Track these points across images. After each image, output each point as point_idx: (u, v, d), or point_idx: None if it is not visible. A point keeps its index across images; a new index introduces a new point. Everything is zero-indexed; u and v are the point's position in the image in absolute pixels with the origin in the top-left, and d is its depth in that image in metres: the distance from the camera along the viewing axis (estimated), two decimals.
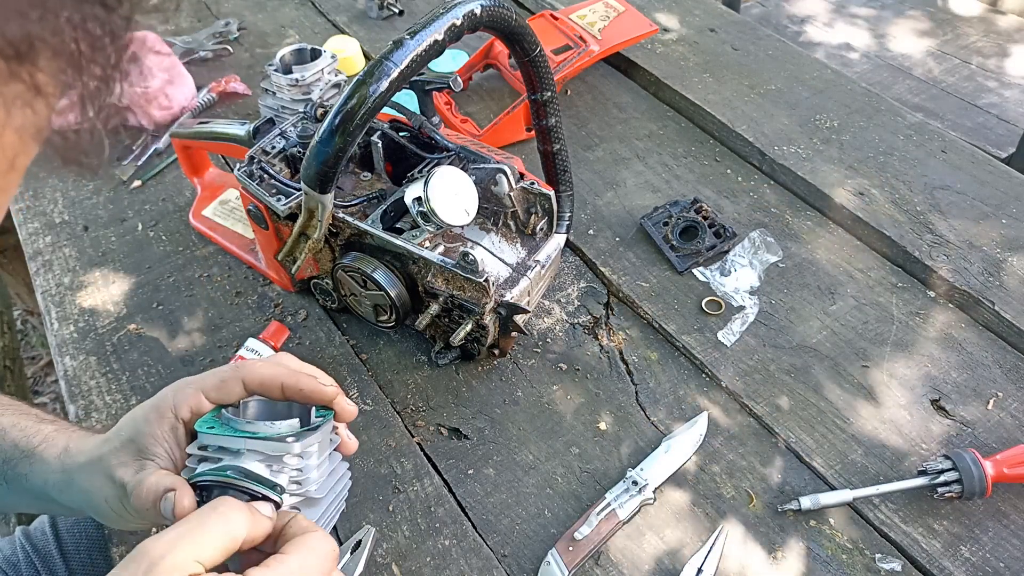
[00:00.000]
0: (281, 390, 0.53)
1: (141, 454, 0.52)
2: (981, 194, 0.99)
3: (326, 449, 0.54)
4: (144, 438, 0.52)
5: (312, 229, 0.74)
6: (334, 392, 0.54)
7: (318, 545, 0.46)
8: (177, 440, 0.53)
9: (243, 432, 0.50)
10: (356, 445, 0.57)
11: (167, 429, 0.52)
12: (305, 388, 0.53)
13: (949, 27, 2.12)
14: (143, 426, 0.53)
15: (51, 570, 0.78)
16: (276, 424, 0.51)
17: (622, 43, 1.14)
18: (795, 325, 0.86)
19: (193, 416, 0.53)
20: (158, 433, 0.52)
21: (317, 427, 0.53)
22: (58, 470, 0.56)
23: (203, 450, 0.51)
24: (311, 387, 0.53)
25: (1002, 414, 0.78)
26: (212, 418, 0.53)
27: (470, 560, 0.68)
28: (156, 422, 0.52)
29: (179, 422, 0.53)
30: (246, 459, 0.50)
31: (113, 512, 0.53)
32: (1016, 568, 0.67)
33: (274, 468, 0.50)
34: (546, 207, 0.79)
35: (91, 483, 0.53)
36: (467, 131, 1.08)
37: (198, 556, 0.42)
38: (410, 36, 0.60)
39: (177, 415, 0.53)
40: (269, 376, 0.53)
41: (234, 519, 0.44)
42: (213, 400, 0.54)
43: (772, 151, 1.04)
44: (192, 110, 1.15)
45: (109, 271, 0.94)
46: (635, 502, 0.70)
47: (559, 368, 0.83)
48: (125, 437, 0.53)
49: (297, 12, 1.39)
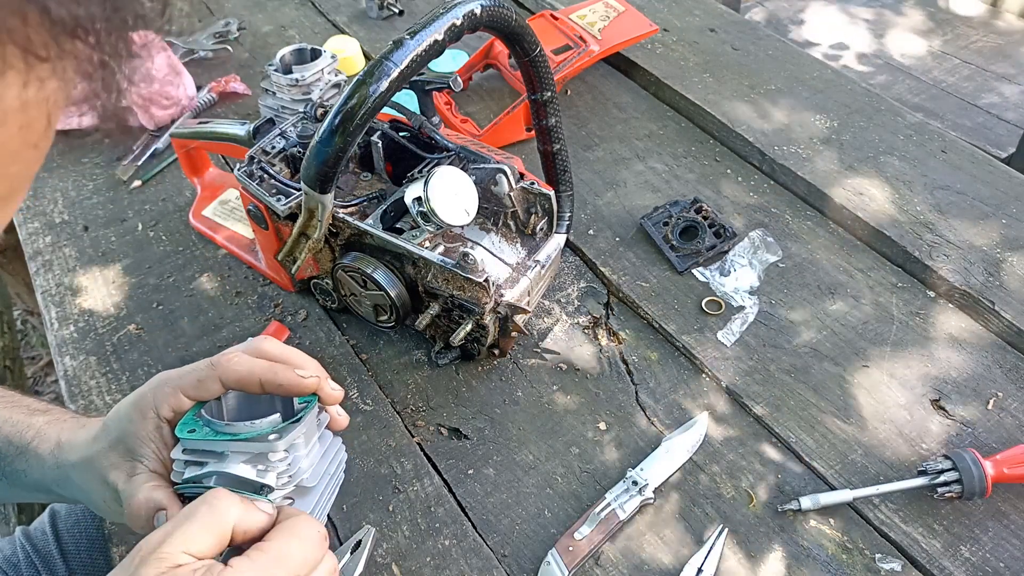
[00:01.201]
0: (260, 385, 0.53)
1: (130, 455, 0.52)
2: (981, 194, 0.99)
3: (313, 434, 0.53)
4: (131, 439, 0.52)
5: (312, 229, 0.74)
6: (314, 383, 0.53)
7: (302, 530, 0.46)
8: (163, 439, 0.53)
9: (224, 435, 0.50)
10: (347, 420, 0.56)
11: (152, 429, 0.52)
12: (284, 382, 0.52)
13: (949, 27, 2.12)
14: (128, 425, 0.53)
15: (51, 570, 0.78)
16: (256, 423, 0.50)
17: (622, 43, 1.14)
18: (795, 325, 0.86)
19: (175, 415, 0.53)
20: (143, 433, 0.52)
21: (300, 418, 0.52)
22: (53, 466, 0.56)
23: (187, 454, 0.51)
24: (290, 380, 0.52)
25: (1002, 414, 0.78)
26: (192, 418, 0.52)
27: (470, 560, 0.68)
28: (140, 422, 0.52)
29: (162, 421, 0.53)
30: (231, 461, 0.49)
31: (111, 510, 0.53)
32: (1016, 568, 0.67)
33: (260, 467, 0.50)
34: (546, 207, 0.79)
35: (87, 483, 0.54)
36: (467, 131, 1.08)
37: (187, 547, 0.42)
38: (410, 36, 0.60)
39: (159, 415, 0.53)
40: (246, 372, 0.52)
41: (223, 510, 0.44)
42: (192, 398, 0.53)
43: (772, 151, 1.04)
44: (192, 110, 1.15)
45: (109, 271, 0.94)
46: (635, 502, 0.70)
47: (559, 368, 0.83)
48: (113, 437, 0.53)
49: (297, 12, 1.39)
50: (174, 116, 1.14)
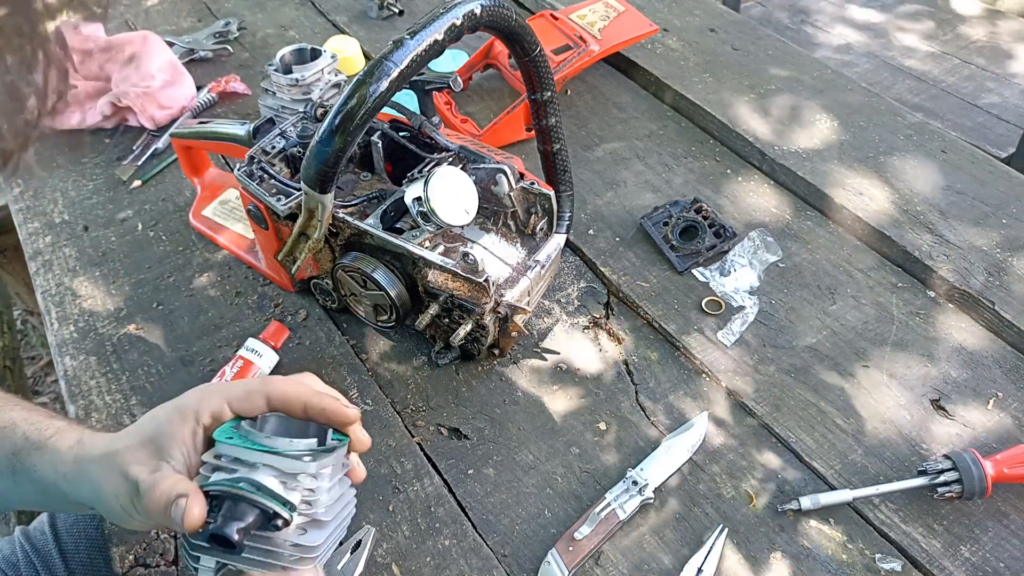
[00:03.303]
0: (304, 408, 0.54)
1: (159, 454, 0.52)
2: (981, 194, 0.99)
3: (338, 473, 0.54)
4: (164, 438, 0.52)
5: (312, 229, 0.74)
6: (356, 413, 0.55)
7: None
8: (195, 444, 0.53)
9: (261, 446, 0.51)
10: (364, 474, 0.58)
11: (188, 432, 0.52)
12: (328, 408, 0.54)
13: (949, 27, 2.12)
14: (165, 426, 0.53)
15: (50, 570, 0.78)
16: (295, 442, 0.51)
17: (622, 43, 1.14)
18: (795, 325, 0.86)
19: (214, 423, 0.53)
20: (178, 435, 0.52)
21: (333, 449, 0.53)
22: (70, 460, 0.55)
23: (218, 459, 0.51)
24: (333, 408, 0.54)
25: (1002, 414, 0.78)
26: (231, 428, 0.53)
27: (470, 560, 0.68)
28: (178, 423, 0.53)
29: (199, 426, 0.53)
30: (261, 473, 0.50)
31: (121, 509, 0.53)
32: (1016, 568, 0.67)
33: (288, 485, 0.50)
34: (546, 207, 0.79)
35: (103, 476, 0.53)
36: (467, 131, 1.08)
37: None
38: (410, 36, 0.60)
39: (199, 419, 0.53)
40: (293, 394, 0.54)
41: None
42: (235, 410, 0.54)
43: (772, 151, 1.04)
44: (192, 110, 1.15)
45: (109, 271, 0.94)
46: (635, 502, 0.70)
47: (559, 368, 0.83)
48: (145, 435, 0.53)
49: (297, 12, 1.39)
50: (174, 116, 1.14)
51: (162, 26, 1.36)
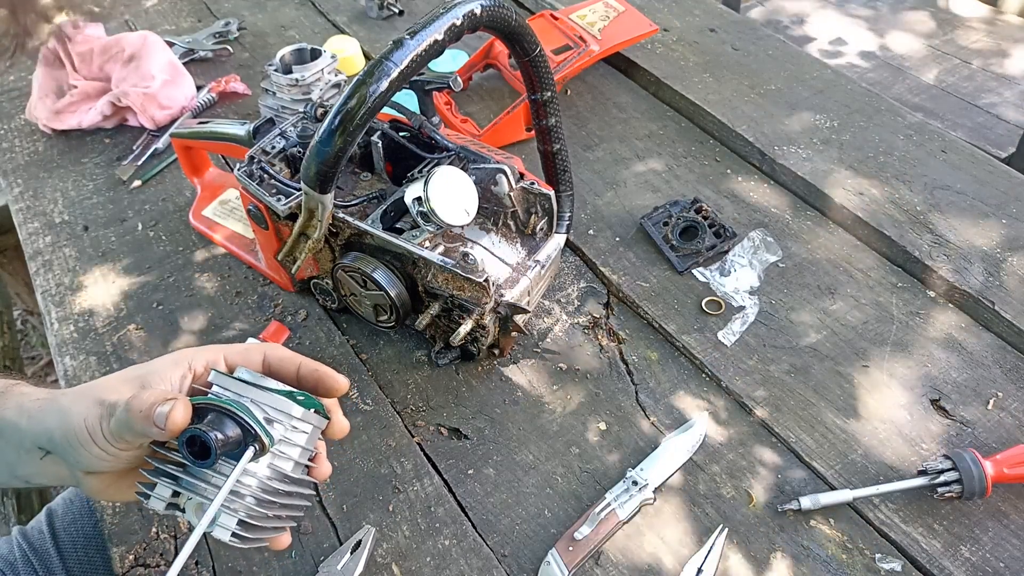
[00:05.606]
0: (297, 368, 0.55)
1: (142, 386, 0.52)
2: (981, 194, 0.99)
3: (311, 446, 0.54)
4: (153, 376, 0.53)
5: (312, 229, 0.74)
6: (346, 383, 0.56)
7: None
8: (182, 388, 0.53)
9: (251, 383, 0.51)
10: (329, 471, 0.57)
11: (177, 375, 0.53)
12: (320, 370, 0.55)
13: (949, 27, 2.12)
14: (155, 366, 0.54)
15: (48, 569, 0.79)
16: (283, 386, 0.52)
17: (622, 43, 1.14)
18: (795, 325, 0.86)
19: (206, 370, 0.54)
20: (167, 374, 0.53)
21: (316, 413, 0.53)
22: (40, 397, 0.55)
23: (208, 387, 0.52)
24: (326, 371, 0.55)
25: (1002, 414, 0.78)
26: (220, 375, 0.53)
27: (470, 560, 0.68)
28: (170, 366, 0.53)
29: (190, 372, 0.54)
30: (247, 402, 0.51)
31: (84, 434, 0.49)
32: (1016, 568, 0.67)
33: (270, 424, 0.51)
34: (546, 207, 0.79)
35: (73, 403, 0.51)
36: (467, 131, 1.08)
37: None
38: (410, 36, 0.60)
39: (191, 366, 0.54)
40: (289, 356, 0.56)
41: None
42: (230, 362, 0.55)
43: (772, 151, 1.04)
44: (192, 110, 1.15)
45: (109, 271, 0.94)
46: (635, 502, 0.70)
47: (559, 368, 0.83)
48: (132, 373, 0.53)
49: (297, 12, 1.39)
50: (174, 116, 1.14)
51: (162, 26, 1.36)
